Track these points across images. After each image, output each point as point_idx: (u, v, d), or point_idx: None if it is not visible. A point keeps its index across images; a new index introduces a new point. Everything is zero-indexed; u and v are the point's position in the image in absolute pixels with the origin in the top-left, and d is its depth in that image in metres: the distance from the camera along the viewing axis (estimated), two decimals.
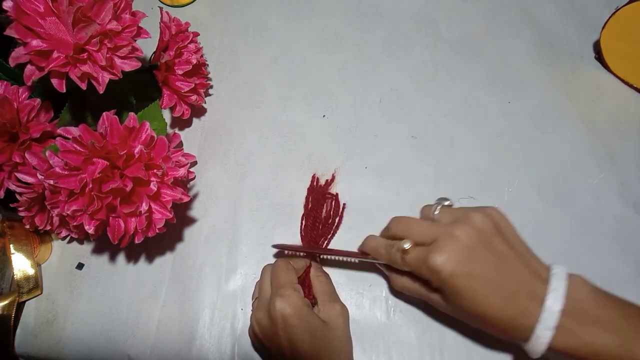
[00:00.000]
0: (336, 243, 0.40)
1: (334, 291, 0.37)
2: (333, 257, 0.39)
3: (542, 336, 0.27)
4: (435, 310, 0.38)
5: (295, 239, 0.41)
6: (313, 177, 0.43)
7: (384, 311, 0.38)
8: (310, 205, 0.41)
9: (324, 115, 0.46)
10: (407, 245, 0.31)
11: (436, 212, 0.33)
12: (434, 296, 0.32)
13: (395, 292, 0.38)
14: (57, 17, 0.29)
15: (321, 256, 0.39)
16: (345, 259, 0.39)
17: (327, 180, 0.42)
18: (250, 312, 0.37)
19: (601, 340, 0.27)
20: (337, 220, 0.41)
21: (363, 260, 0.38)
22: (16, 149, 0.33)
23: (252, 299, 0.38)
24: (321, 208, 0.41)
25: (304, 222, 0.41)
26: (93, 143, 0.29)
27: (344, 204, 0.42)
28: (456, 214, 0.31)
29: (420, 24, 0.50)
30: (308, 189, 0.42)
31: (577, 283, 0.29)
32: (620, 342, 0.27)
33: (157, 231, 0.33)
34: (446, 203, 0.33)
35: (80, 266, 0.41)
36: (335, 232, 0.41)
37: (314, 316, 0.33)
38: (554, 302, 0.28)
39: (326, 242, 0.40)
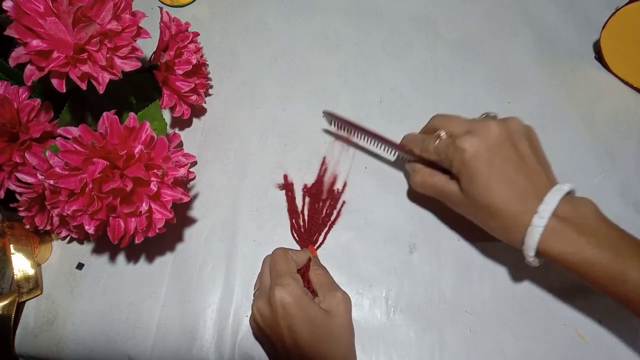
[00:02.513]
0: (336, 243, 0.41)
1: (333, 281, 0.37)
2: (367, 142, 0.41)
3: (536, 226, 0.29)
4: (435, 310, 0.38)
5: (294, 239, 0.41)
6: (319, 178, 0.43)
7: (384, 311, 0.38)
8: (307, 203, 0.42)
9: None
10: (442, 133, 0.34)
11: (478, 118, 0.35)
12: (449, 186, 0.34)
13: (413, 193, 0.41)
14: (57, 17, 0.29)
15: (356, 136, 0.41)
16: (379, 148, 0.42)
17: (332, 183, 0.43)
18: (252, 302, 0.37)
19: (596, 251, 0.28)
20: (334, 216, 0.42)
21: (396, 152, 0.40)
22: (16, 149, 0.33)
23: (254, 289, 0.38)
24: (319, 205, 0.42)
25: (302, 217, 0.42)
26: (93, 143, 0.29)
27: (344, 202, 0.42)
28: (495, 117, 0.34)
29: (420, 24, 0.50)
30: (306, 189, 0.43)
31: (584, 200, 0.31)
32: (614, 258, 0.28)
33: (157, 231, 0.33)
34: (492, 114, 0.35)
35: (80, 266, 0.41)
36: (331, 226, 0.41)
37: (314, 305, 0.33)
38: (552, 197, 0.30)
39: (323, 236, 0.41)
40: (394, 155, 0.42)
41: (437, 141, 0.34)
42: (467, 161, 0.31)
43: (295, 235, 0.41)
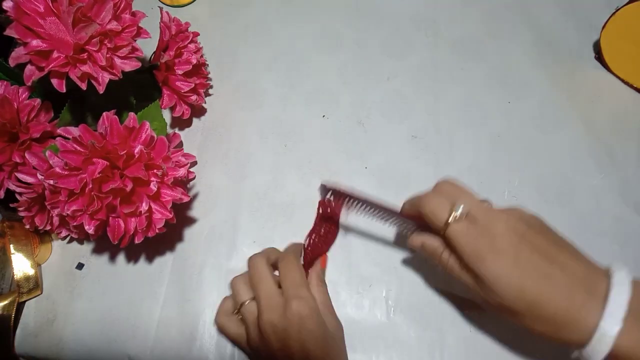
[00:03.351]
0: (336, 243, 0.40)
1: (332, 305, 0.36)
2: (369, 211, 0.35)
3: (608, 331, 0.24)
4: (435, 310, 0.38)
5: (295, 240, 0.41)
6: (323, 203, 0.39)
7: (384, 311, 0.38)
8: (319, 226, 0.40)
9: (323, 115, 0.46)
10: (459, 210, 0.28)
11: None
12: (467, 278, 0.29)
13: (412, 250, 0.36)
14: (57, 17, 0.29)
15: (356, 205, 0.35)
16: (380, 219, 0.35)
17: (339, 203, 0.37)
18: (243, 314, 0.33)
19: None
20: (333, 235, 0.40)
21: (396, 224, 0.35)
22: (16, 149, 0.33)
23: (237, 296, 0.34)
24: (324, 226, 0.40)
25: (311, 239, 0.39)
26: (93, 143, 0.29)
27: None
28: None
29: (420, 24, 0.50)
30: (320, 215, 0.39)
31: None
32: None
33: (157, 231, 0.33)
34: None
35: (80, 266, 0.41)
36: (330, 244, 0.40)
37: (325, 323, 0.32)
38: (619, 294, 0.24)
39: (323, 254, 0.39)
40: (395, 226, 0.36)
41: (450, 221, 0.28)
42: (489, 263, 0.27)
43: (306, 249, 0.39)
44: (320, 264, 0.38)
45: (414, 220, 0.33)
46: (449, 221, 0.28)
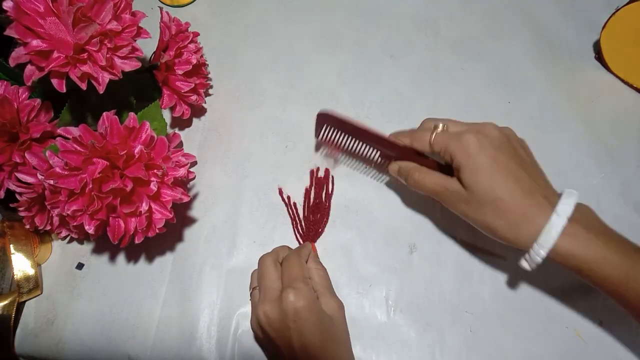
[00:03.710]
0: (336, 243, 0.41)
1: (331, 285, 0.37)
2: (355, 146, 0.39)
3: (554, 225, 0.29)
4: (435, 310, 0.38)
5: (295, 240, 0.41)
6: (311, 173, 0.43)
7: (384, 311, 0.38)
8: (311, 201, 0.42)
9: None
10: (440, 126, 0.34)
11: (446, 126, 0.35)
12: (450, 183, 0.33)
13: (411, 194, 0.38)
14: (57, 17, 0.29)
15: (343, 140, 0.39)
16: (371, 152, 0.38)
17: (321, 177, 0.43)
18: (251, 303, 0.36)
19: (605, 250, 0.28)
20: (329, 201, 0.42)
21: (379, 154, 0.38)
22: (16, 149, 0.33)
23: (250, 289, 0.37)
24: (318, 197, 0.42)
25: (305, 214, 0.42)
26: (93, 143, 0.29)
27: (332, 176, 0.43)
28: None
29: (420, 24, 0.50)
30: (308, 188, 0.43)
31: (585, 206, 0.31)
32: (621, 257, 0.28)
33: (157, 231, 0.33)
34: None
35: (80, 266, 0.41)
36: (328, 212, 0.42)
37: (322, 309, 0.33)
38: (569, 198, 0.30)
39: (322, 226, 0.41)
40: (378, 156, 0.39)
41: (434, 133, 0.34)
42: (473, 154, 0.31)
43: (298, 232, 0.41)
44: (312, 249, 0.39)
45: (397, 149, 0.37)
46: (434, 133, 0.34)
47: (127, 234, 0.32)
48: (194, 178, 0.40)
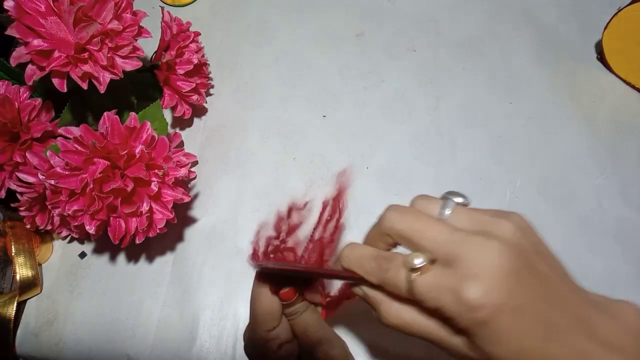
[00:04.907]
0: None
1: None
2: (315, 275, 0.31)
3: None
4: None
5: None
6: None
7: None
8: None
9: (324, 115, 0.46)
10: (418, 262, 0.21)
11: (447, 212, 0.23)
12: (450, 340, 0.21)
13: (387, 325, 0.24)
14: (58, 17, 0.29)
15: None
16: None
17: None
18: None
19: None
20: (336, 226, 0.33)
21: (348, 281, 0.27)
22: (17, 149, 0.33)
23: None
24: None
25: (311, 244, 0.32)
26: (94, 143, 0.29)
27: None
28: (476, 219, 0.22)
29: (422, 24, 0.49)
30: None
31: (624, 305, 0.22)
32: None
33: (158, 231, 0.33)
34: (459, 200, 0.24)
35: (82, 255, 0.41)
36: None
37: None
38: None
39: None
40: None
41: (413, 274, 0.21)
42: (486, 322, 0.19)
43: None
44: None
45: (356, 279, 0.25)
46: (411, 278, 0.21)
47: (127, 234, 0.32)
48: (194, 178, 0.40)
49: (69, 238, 0.42)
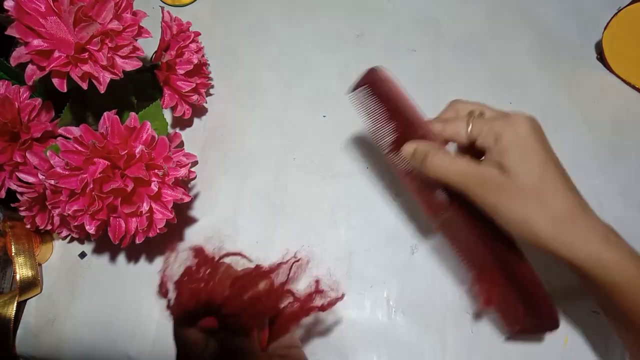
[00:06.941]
0: (336, 243, 0.40)
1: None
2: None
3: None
4: (436, 311, 0.38)
5: (296, 240, 0.41)
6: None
7: (385, 312, 0.38)
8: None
9: (324, 116, 0.46)
10: (476, 112, 0.31)
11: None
12: (482, 167, 0.28)
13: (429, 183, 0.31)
14: (58, 17, 0.29)
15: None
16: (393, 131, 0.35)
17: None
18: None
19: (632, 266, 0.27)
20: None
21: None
22: (17, 149, 0.33)
23: None
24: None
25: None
26: (94, 143, 0.29)
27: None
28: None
29: (422, 24, 0.49)
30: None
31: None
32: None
33: (158, 231, 0.33)
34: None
35: (82, 255, 0.41)
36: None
37: None
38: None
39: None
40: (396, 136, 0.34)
41: (472, 118, 0.30)
42: (524, 136, 0.27)
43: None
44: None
45: (423, 132, 0.32)
46: (471, 118, 0.30)
47: (127, 234, 0.32)
48: (194, 178, 0.40)
49: (69, 238, 0.42)
